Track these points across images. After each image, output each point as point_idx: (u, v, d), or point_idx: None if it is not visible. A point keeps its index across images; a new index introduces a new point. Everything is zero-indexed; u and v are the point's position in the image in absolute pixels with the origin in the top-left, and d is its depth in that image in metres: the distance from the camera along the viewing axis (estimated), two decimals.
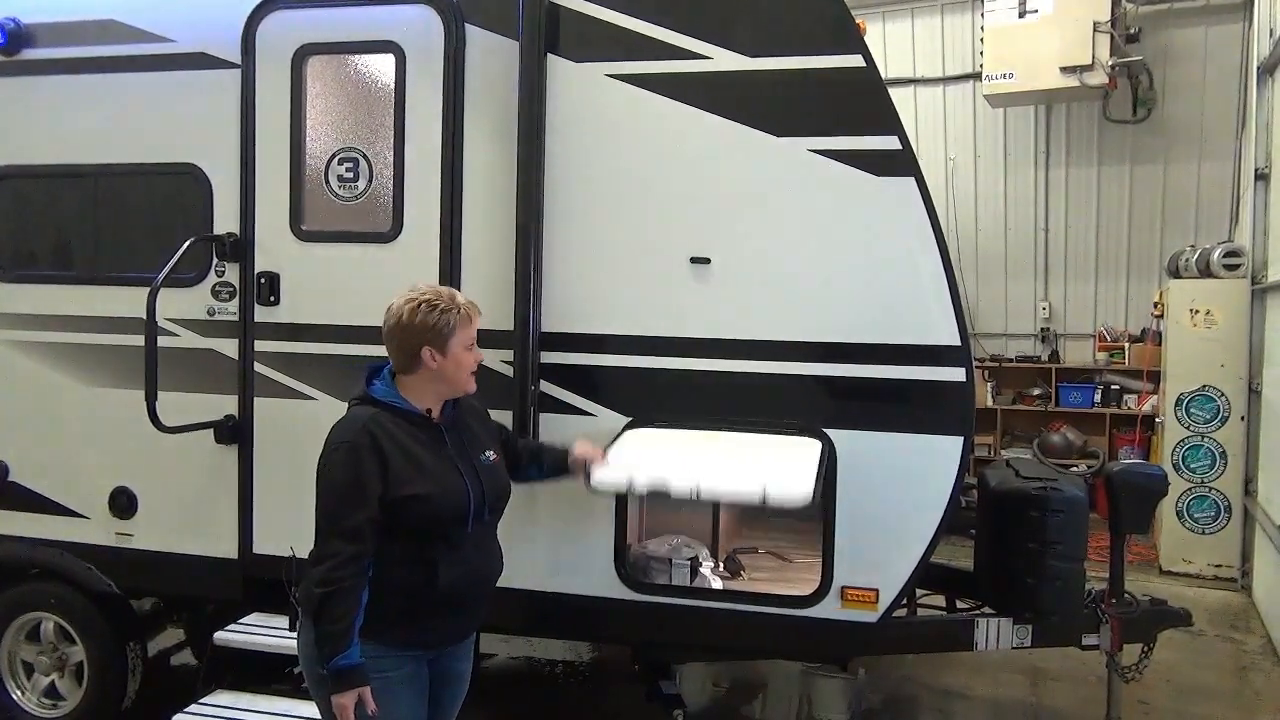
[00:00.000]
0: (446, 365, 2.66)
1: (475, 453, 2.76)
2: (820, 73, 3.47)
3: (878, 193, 3.44)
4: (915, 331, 3.43)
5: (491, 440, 2.88)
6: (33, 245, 4.34)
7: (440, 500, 2.61)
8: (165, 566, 4.18)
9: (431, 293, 2.69)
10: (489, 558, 2.82)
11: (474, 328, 2.72)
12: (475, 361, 2.73)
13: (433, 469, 2.63)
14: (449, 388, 2.72)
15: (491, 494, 2.75)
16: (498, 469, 2.83)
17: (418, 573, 2.61)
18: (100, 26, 4.14)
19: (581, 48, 3.66)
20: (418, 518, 2.58)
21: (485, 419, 2.96)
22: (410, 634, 2.65)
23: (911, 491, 3.46)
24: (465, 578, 2.69)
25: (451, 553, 2.64)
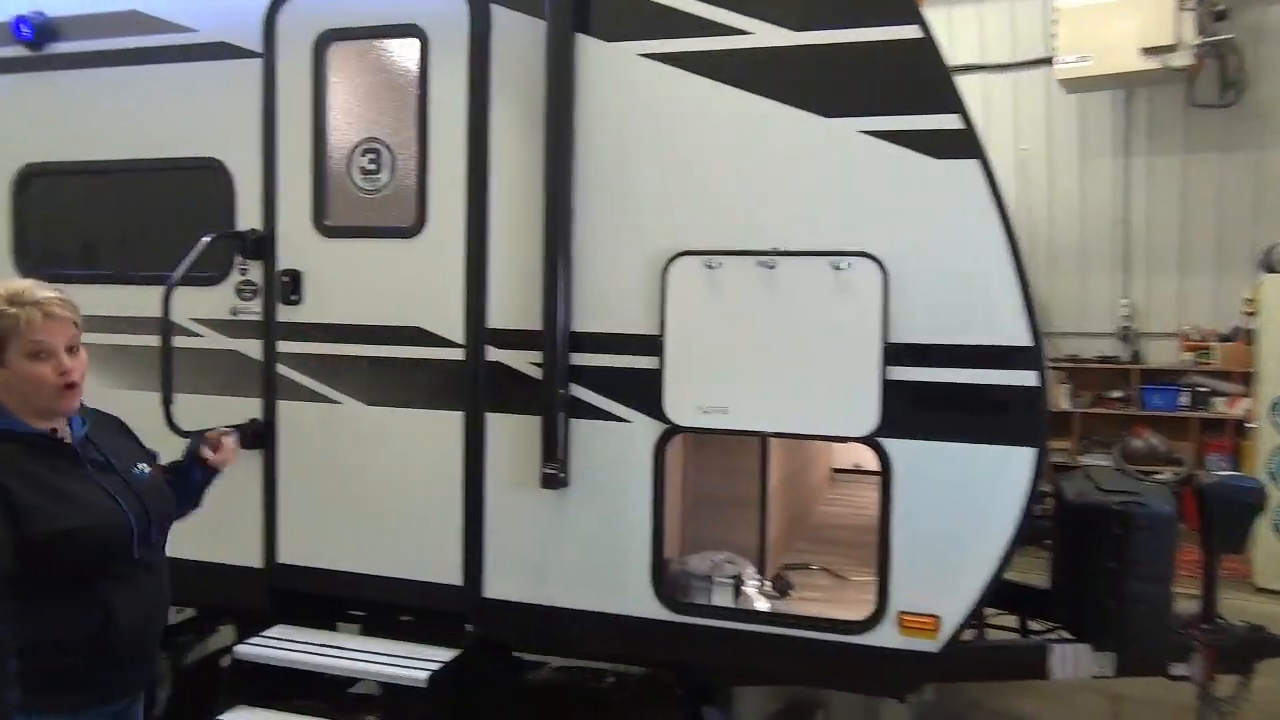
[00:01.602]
0: (13, 380, 2.18)
1: (123, 468, 2.35)
2: (872, 46, 3.16)
3: (937, 177, 3.12)
4: (981, 331, 3.10)
5: (140, 452, 2.47)
6: (59, 244, 4.24)
7: (95, 531, 2.19)
8: (190, 575, 3.99)
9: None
10: (163, 585, 2.42)
11: (46, 331, 2.17)
12: (56, 373, 2.19)
13: (76, 496, 2.20)
14: (29, 404, 2.20)
15: (155, 510, 2.36)
16: (156, 481, 2.44)
17: (89, 620, 2.18)
18: (123, 18, 4.02)
19: (613, 26, 3.40)
20: (71, 556, 2.15)
21: (127, 432, 2.54)
22: (88, 695, 2.22)
23: (977, 509, 3.12)
24: (145, 613, 2.31)
25: (123, 587, 2.24)
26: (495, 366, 3.58)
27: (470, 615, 3.67)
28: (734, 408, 3.30)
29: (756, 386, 3.28)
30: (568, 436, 3.47)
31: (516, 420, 3.54)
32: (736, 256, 3.27)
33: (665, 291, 3.33)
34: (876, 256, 3.14)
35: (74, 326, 2.26)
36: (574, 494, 3.50)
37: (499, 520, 3.60)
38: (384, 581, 3.74)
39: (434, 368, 3.63)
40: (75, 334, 2.27)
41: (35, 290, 2.22)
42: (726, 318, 3.29)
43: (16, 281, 2.27)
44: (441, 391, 3.63)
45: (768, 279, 3.24)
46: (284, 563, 3.88)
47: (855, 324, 3.16)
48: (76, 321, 2.28)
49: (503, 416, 3.58)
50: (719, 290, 3.29)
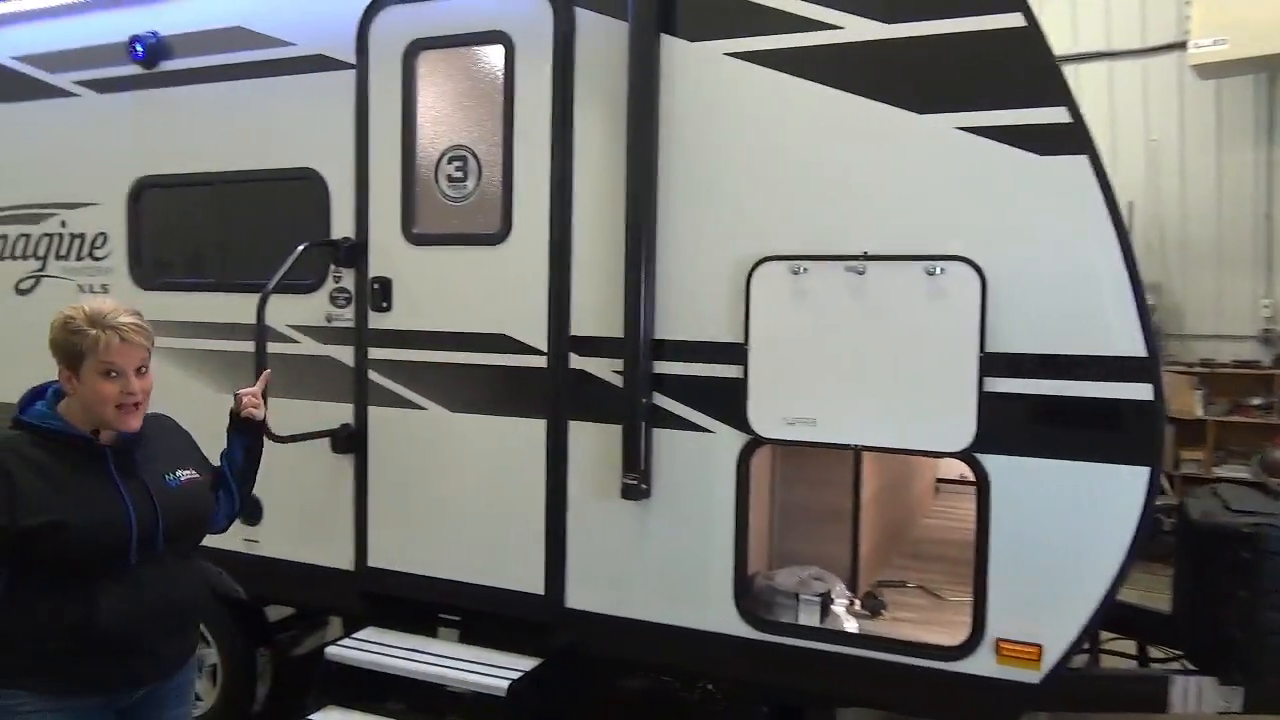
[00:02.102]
0: (83, 392, 2.32)
1: (157, 472, 2.42)
2: (970, 37, 2.97)
3: (1042, 175, 2.91)
4: (1089, 340, 2.87)
5: (186, 461, 2.54)
6: (169, 253, 4.42)
7: (86, 528, 2.26)
8: (287, 575, 4.16)
9: (81, 309, 2.33)
10: (173, 589, 2.42)
11: (120, 354, 2.30)
12: (122, 393, 2.31)
13: (79, 493, 2.29)
14: (94, 416, 2.34)
15: (171, 518, 2.39)
16: (189, 490, 2.48)
17: (73, 610, 2.27)
18: (228, 34, 4.15)
19: (697, 25, 3.31)
20: (60, 548, 2.24)
21: (182, 440, 2.63)
22: (71, 680, 2.30)
23: (1083, 532, 2.90)
24: (137, 614, 2.33)
25: (115, 586, 2.31)
26: (578, 374, 3.54)
27: (553, 625, 3.63)
28: (821, 420, 3.16)
29: (845, 398, 3.13)
30: (649, 446, 3.40)
31: (599, 429, 3.49)
32: (823, 262, 3.13)
33: (749, 298, 3.22)
34: (973, 261, 2.95)
35: (146, 351, 2.38)
36: (655, 505, 3.42)
37: (581, 530, 3.56)
38: (468, 588, 3.75)
39: (517, 375, 3.62)
40: (146, 358, 2.38)
41: (117, 314, 2.34)
42: (813, 325, 3.16)
43: (101, 302, 2.39)
44: (524, 399, 3.61)
45: (856, 285, 3.09)
46: (373, 566, 3.94)
47: (950, 332, 2.98)
48: (149, 346, 2.39)
49: (585, 425, 3.53)
50: (805, 297, 3.16)
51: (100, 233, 4.51)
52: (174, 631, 2.48)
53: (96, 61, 4.45)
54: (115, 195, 4.44)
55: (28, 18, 4.67)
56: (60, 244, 4.63)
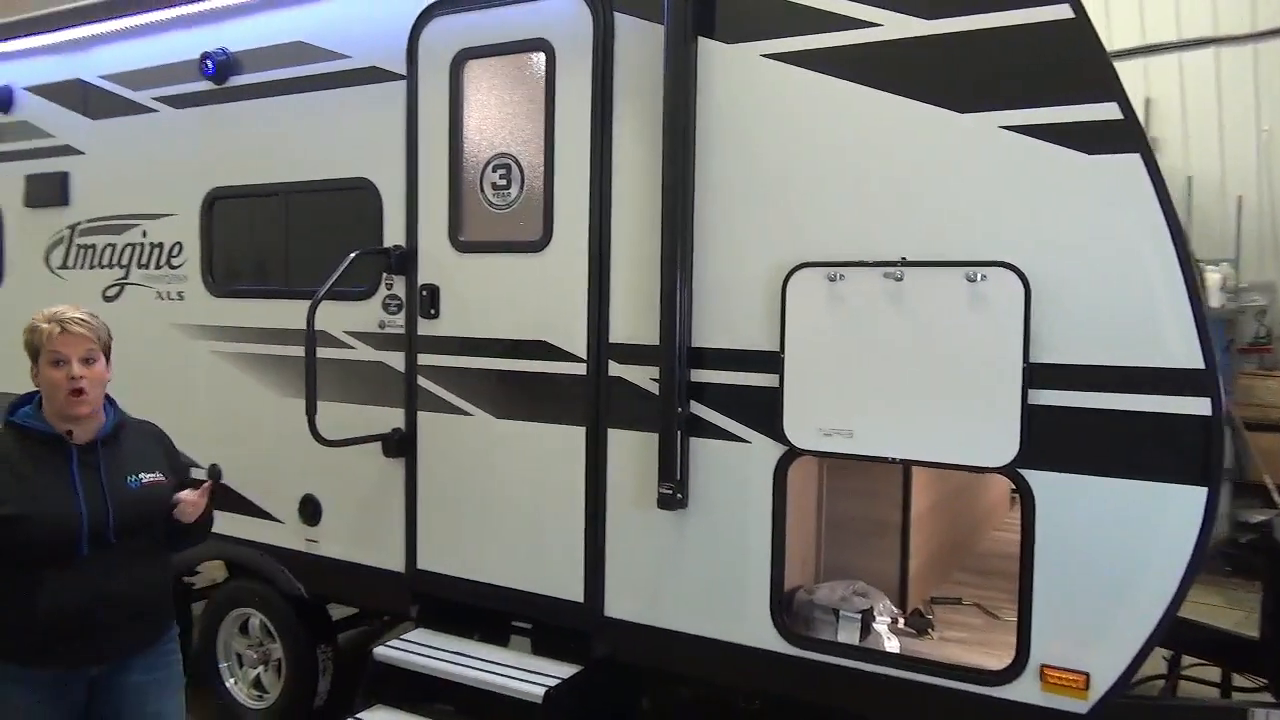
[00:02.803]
0: (41, 383, 2.61)
1: (118, 474, 2.65)
2: (1014, 31, 2.82)
3: (1091, 175, 2.74)
4: (1141, 351, 2.69)
5: (154, 464, 2.74)
6: (237, 262, 4.58)
7: (35, 520, 2.51)
8: (344, 575, 4.26)
9: (43, 312, 2.63)
10: (128, 580, 2.64)
11: (63, 344, 2.57)
12: (67, 379, 2.56)
13: (36, 488, 2.55)
14: (54, 409, 2.60)
15: (124, 516, 2.61)
16: (148, 492, 2.69)
17: (19, 592, 2.53)
18: (290, 49, 4.27)
19: (734, 27, 3.25)
20: (12, 537, 2.50)
21: (158, 445, 2.84)
22: (25, 655, 2.56)
23: (1134, 555, 2.73)
24: (81, 599, 2.56)
25: (62, 574, 2.54)
26: (617, 382, 3.51)
27: (592, 633, 3.62)
28: (858, 431, 3.05)
29: (882, 409, 3.01)
30: (686, 456, 3.35)
31: (637, 437, 3.46)
32: (860, 268, 3.02)
33: (785, 305, 3.14)
34: (1017, 267, 2.80)
35: (91, 342, 2.62)
36: (692, 516, 3.37)
37: (620, 539, 3.54)
38: (510, 593, 3.77)
39: (558, 382, 3.62)
40: (92, 348, 2.63)
41: (66, 312, 2.64)
42: (850, 334, 3.05)
43: (61, 305, 2.69)
44: (565, 406, 3.61)
45: (894, 292, 2.98)
46: (422, 568, 4.00)
47: (992, 342, 2.84)
48: (94, 338, 2.63)
49: (624, 433, 3.51)
50: (842, 304, 3.06)
51: (177, 242, 4.71)
52: (124, 619, 2.65)
53: (173, 79, 4.65)
54: (190, 206, 4.63)
55: (113, 38, 4.91)
56: (142, 253, 4.86)
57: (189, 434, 4.64)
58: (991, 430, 2.85)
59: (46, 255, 5.27)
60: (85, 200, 5.10)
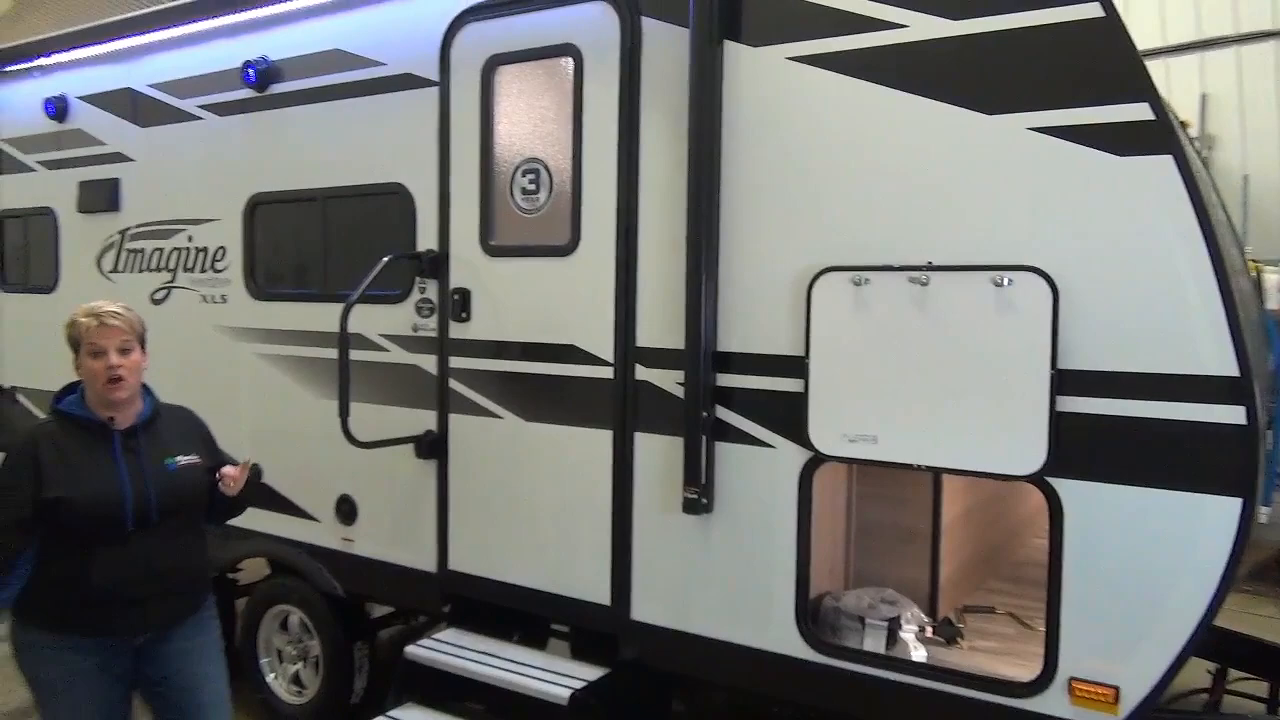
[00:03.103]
0: (82, 373, 2.83)
1: (157, 457, 2.86)
2: (1043, 31, 2.76)
3: (1122, 178, 2.68)
4: (1173, 358, 2.62)
5: (192, 447, 2.97)
6: (278, 266, 4.67)
7: (84, 500, 2.72)
8: (378, 574, 4.33)
9: (81, 308, 2.86)
10: (170, 556, 2.87)
11: (100, 336, 2.79)
12: (106, 368, 2.79)
13: (85, 471, 2.76)
14: (95, 397, 2.83)
15: (165, 496, 2.84)
16: (183, 473, 2.91)
17: (74, 567, 2.75)
18: (327, 57, 4.35)
19: (759, 30, 3.23)
20: (65, 517, 2.72)
21: (194, 430, 3.07)
22: (72, 625, 2.79)
23: (1166, 567, 2.65)
24: (129, 574, 2.78)
25: (112, 550, 2.76)
26: (644, 386, 3.52)
27: (619, 636, 3.63)
28: (883, 437, 3.02)
29: (908, 415, 2.98)
30: (711, 460, 3.34)
31: (664, 441, 3.46)
32: (886, 272, 2.99)
33: (810, 309, 3.11)
34: (1045, 271, 2.74)
35: (125, 334, 2.84)
36: (717, 520, 3.36)
37: (646, 543, 3.54)
38: (538, 595, 3.80)
39: (585, 385, 3.64)
40: (128, 339, 2.85)
41: (102, 306, 2.86)
42: (875, 339, 3.02)
43: (97, 301, 2.91)
44: (592, 409, 3.62)
45: (919, 297, 2.94)
46: (453, 569, 4.05)
47: (1019, 348, 2.78)
48: (128, 330, 2.85)
49: (651, 437, 3.51)
50: (867, 309, 3.03)
51: (220, 246, 4.83)
52: (167, 589, 2.89)
53: (217, 87, 4.77)
54: (233, 211, 4.74)
55: (160, 48, 5.05)
56: (187, 257, 4.99)
57: (232, 434, 4.75)
58: (1018, 438, 2.80)
59: (98, 259, 5.44)
60: (135, 206, 5.25)
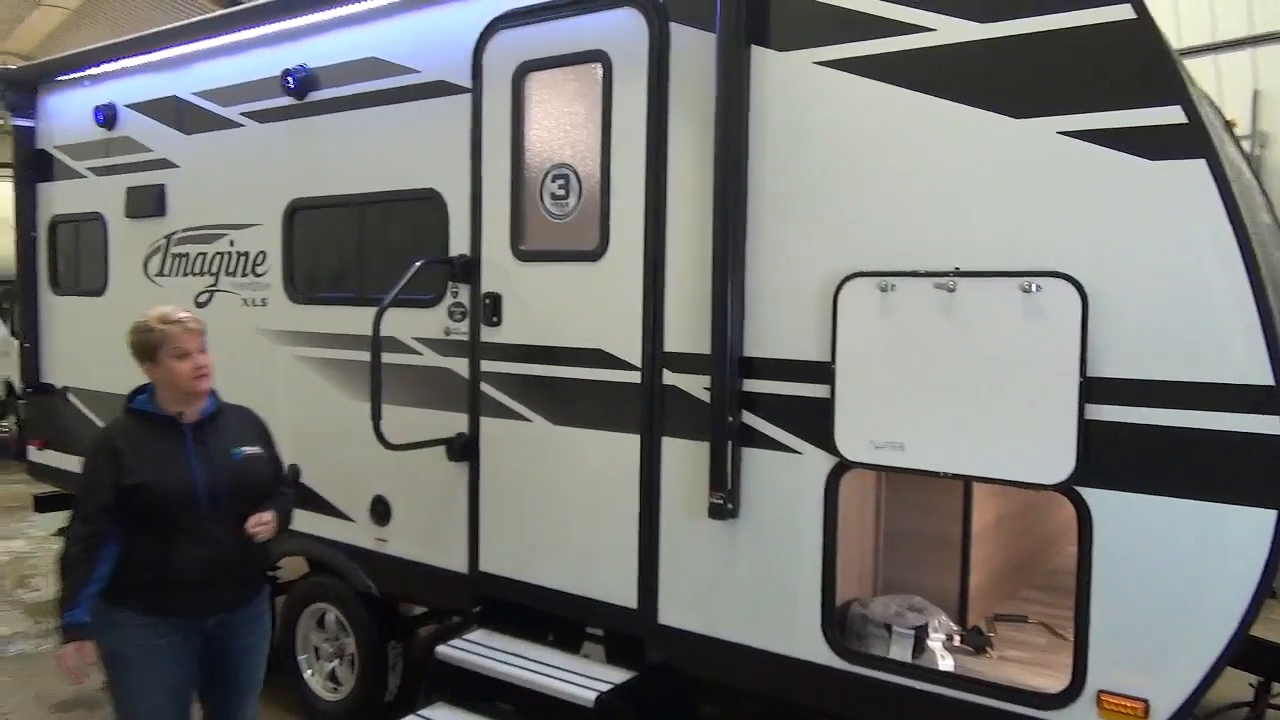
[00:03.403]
0: (160, 374, 3.09)
1: (224, 448, 3.15)
2: (1072, 34, 2.72)
3: (1153, 182, 2.63)
4: (1206, 366, 2.57)
5: (254, 441, 3.25)
6: (315, 270, 4.76)
7: (161, 486, 2.99)
8: (411, 574, 4.39)
9: (151, 315, 3.12)
10: (238, 540, 3.09)
11: (185, 340, 3.08)
12: (194, 368, 3.08)
13: (160, 461, 3.03)
14: (177, 391, 3.10)
15: (231, 483, 3.11)
16: (248, 462, 3.19)
17: (156, 550, 3.02)
18: (364, 64, 4.42)
19: (786, 34, 3.22)
20: (143, 502, 2.99)
21: (255, 426, 3.34)
22: (160, 603, 3.03)
23: (1198, 579, 2.60)
24: (205, 555, 3.05)
25: (186, 533, 3.03)
26: (671, 390, 3.53)
27: (646, 640, 3.64)
28: (909, 444, 2.99)
29: (934, 422, 2.95)
30: (737, 466, 3.34)
31: (691, 446, 3.47)
32: (913, 278, 2.96)
33: (836, 315, 3.10)
34: (1073, 277, 2.70)
35: (202, 334, 3.16)
36: (744, 526, 3.36)
37: (673, 547, 3.55)
38: (567, 597, 3.83)
39: (613, 390, 3.65)
40: (203, 339, 3.16)
41: (176, 313, 3.15)
42: (901, 345, 3.00)
43: (163, 307, 3.19)
44: (620, 414, 3.64)
45: (946, 303, 2.91)
46: (484, 570, 4.09)
47: (1047, 355, 2.75)
48: (203, 332, 3.17)
49: (678, 442, 3.52)
50: (893, 315, 3.00)
51: (261, 251, 4.93)
52: (235, 573, 3.16)
53: (257, 95, 4.87)
54: (273, 216, 4.84)
55: (204, 57, 5.17)
56: (229, 261, 5.10)
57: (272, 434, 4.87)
58: (1046, 446, 2.76)
59: (145, 263, 5.58)
60: (179, 211, 5.38)
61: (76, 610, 2.93)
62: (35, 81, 6.41)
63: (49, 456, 6.51)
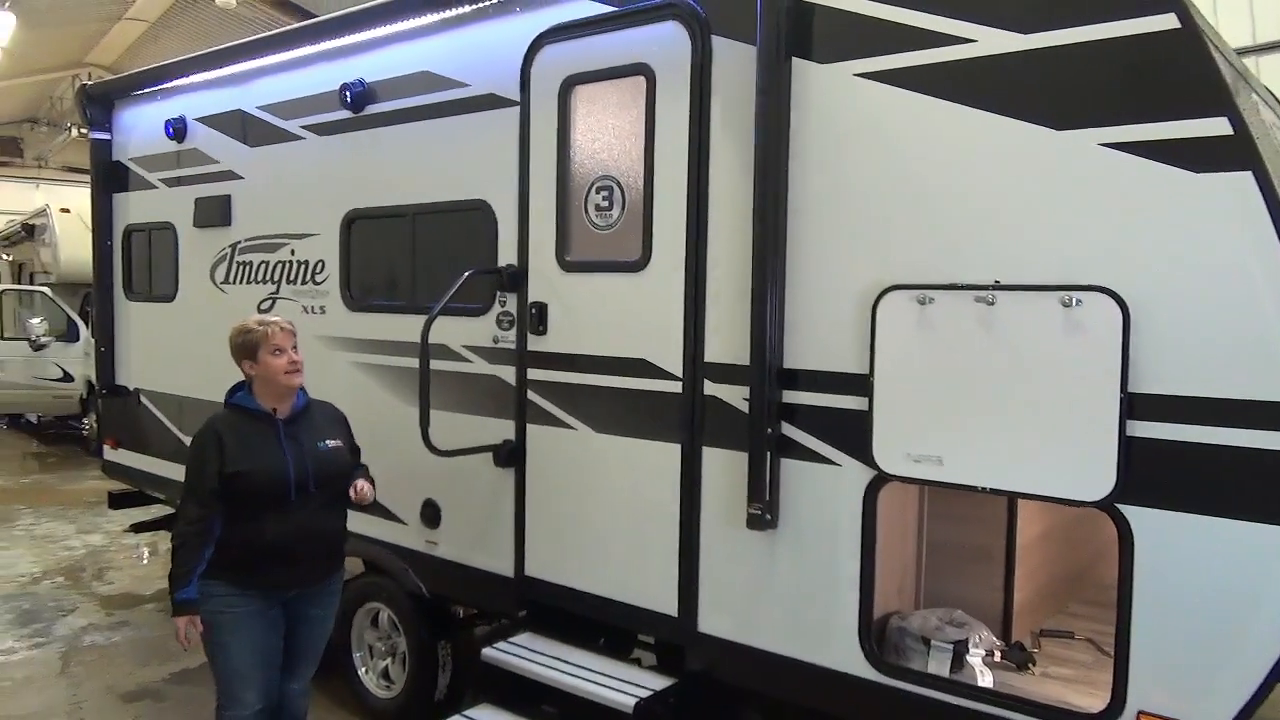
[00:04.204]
0: (262, 370, 3.51)
1: (312, 440, 3.56)
2: (1116, 44, 2.68)
3: (1197, 195, 2.58)
4: (1252, 383, 2.51)
5: (336, 435, 3.67)
6: (371, 279, 4.89)
7: (258, 474, 3.40)
8: (459, 576, 4.48)
9: (249, 321, 3.60)
10: (323, 522, 3.57)
11: (280, 339, 3.52)
12: (289, 362, 3.53)
13: (257, 451, 3.44)
14: (274, 385, 3.52)
15: (319, 471, 3.52)
16: (334, 453, 3.61)
17: (250, 530, 3.42)
18: (417, 78, 4.54)
19: (827, 46, 3.23)
20: (243, 487, 3.39)
21: (337, 420, 3.77)
22: (250, 577, 3.45)
23: (1243, 602, 2.54)
24: (292, 535, 3.45)
25: (279, 515, 3.43)
26: (712, 401, 3.55)
27: (685, 647, 3.67)
28: (948, 458, 2.98)
29: (972, 436, 2.93)
30: (776, 477, 3.35)
31: (731, 456, 3.49)
32: (952, 291, 2.95)
33: (875, 328, 3.10)
34: (1115, 292, 2.66)
35: (294, 335, 3.62)
36: (782, 536, 3.37)
37: (713, 556, 3.58)
38: (609, 603, 3.88)
39: (655, 399, 3.69)
40: (295, 340, 3.61)
41: (267, 317, 3.65)
42: (940, 359, 2.98)
43: (257, 315, 3.76)
44: (661, 423, 3.68)
45: (985, 316, 2.89)
46: (529, 574, 4.16)
47: (1088, 370, 2.71)
48: (295, 333, 3.63)
49: (718, 452, 3.55)
50: (932, 328, 2.99)
51: (320, 260, 5.08)
52: (319, 551, 3.60)
53: (317, 108, 5.02)
54: (331, 226, 4.99)
55: (267, 72, 5.35)
56: (290, 270, 5.27)
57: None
58: (1086, 462, 2.72)
59: (212, 271, 5.79)
60: (244, 221, 5.57)
61: (189, 588, 3.38)
62: (111, 96, 6.69)
63: (122, 455, 6.79)
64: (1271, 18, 7.70)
